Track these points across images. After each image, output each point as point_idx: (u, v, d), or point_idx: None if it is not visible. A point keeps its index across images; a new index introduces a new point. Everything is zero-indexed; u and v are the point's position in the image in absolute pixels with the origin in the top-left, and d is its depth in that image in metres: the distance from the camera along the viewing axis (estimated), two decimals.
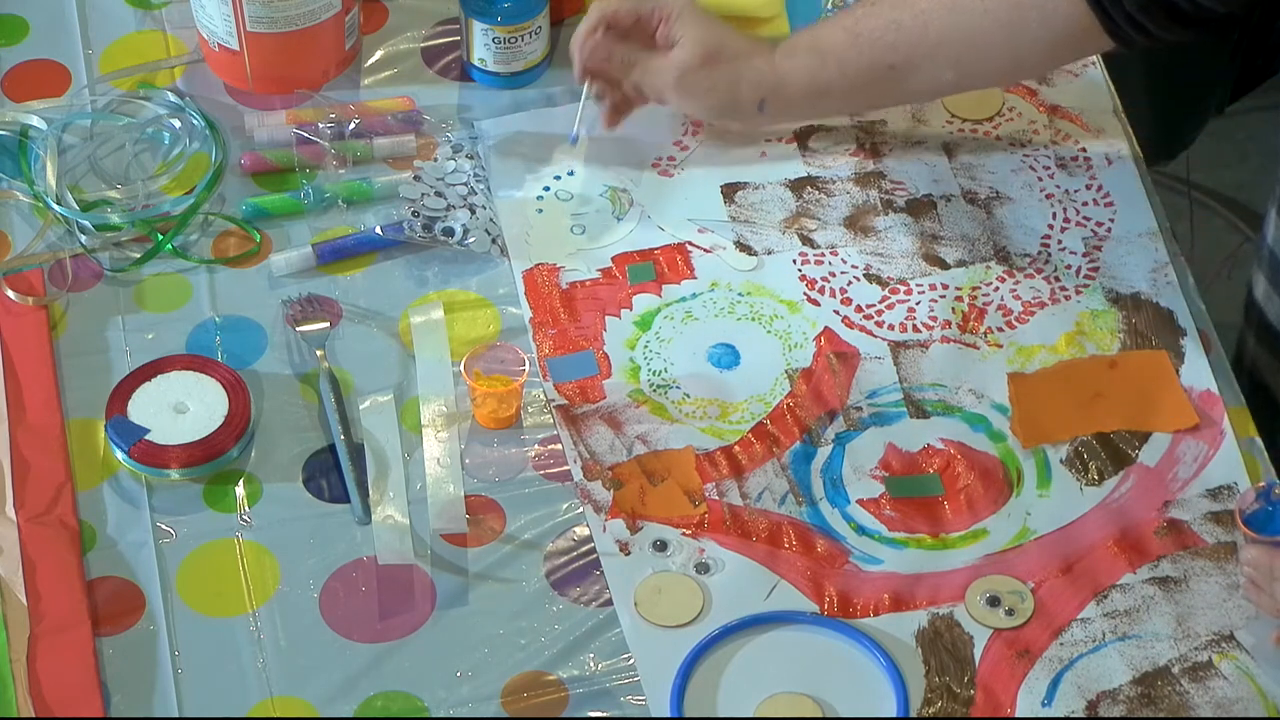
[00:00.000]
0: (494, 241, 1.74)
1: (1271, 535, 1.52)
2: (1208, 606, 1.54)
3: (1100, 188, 1.80)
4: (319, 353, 1.67)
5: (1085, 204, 1.78)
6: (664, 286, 1.73)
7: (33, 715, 1.48)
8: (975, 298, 1.72)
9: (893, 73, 1.69)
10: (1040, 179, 1.80)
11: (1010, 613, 1.54)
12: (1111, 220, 1.77)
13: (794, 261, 1.74)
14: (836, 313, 1.71)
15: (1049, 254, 1.75)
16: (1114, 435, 1.64)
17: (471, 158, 1.79)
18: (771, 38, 1.80)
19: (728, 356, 1.69)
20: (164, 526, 1.58)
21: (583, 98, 1.78)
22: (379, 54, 1.89)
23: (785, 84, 1.72)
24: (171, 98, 1.83)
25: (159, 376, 1.64)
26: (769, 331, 1.70)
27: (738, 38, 1.73)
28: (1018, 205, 1.78)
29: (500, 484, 1.61)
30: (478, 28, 1.82)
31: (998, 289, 1.73)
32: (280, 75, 1.83)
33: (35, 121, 1.81)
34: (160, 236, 1.74)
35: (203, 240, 1.76)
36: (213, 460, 1.60)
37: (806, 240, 1.76)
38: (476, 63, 1.85)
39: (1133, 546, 1.57)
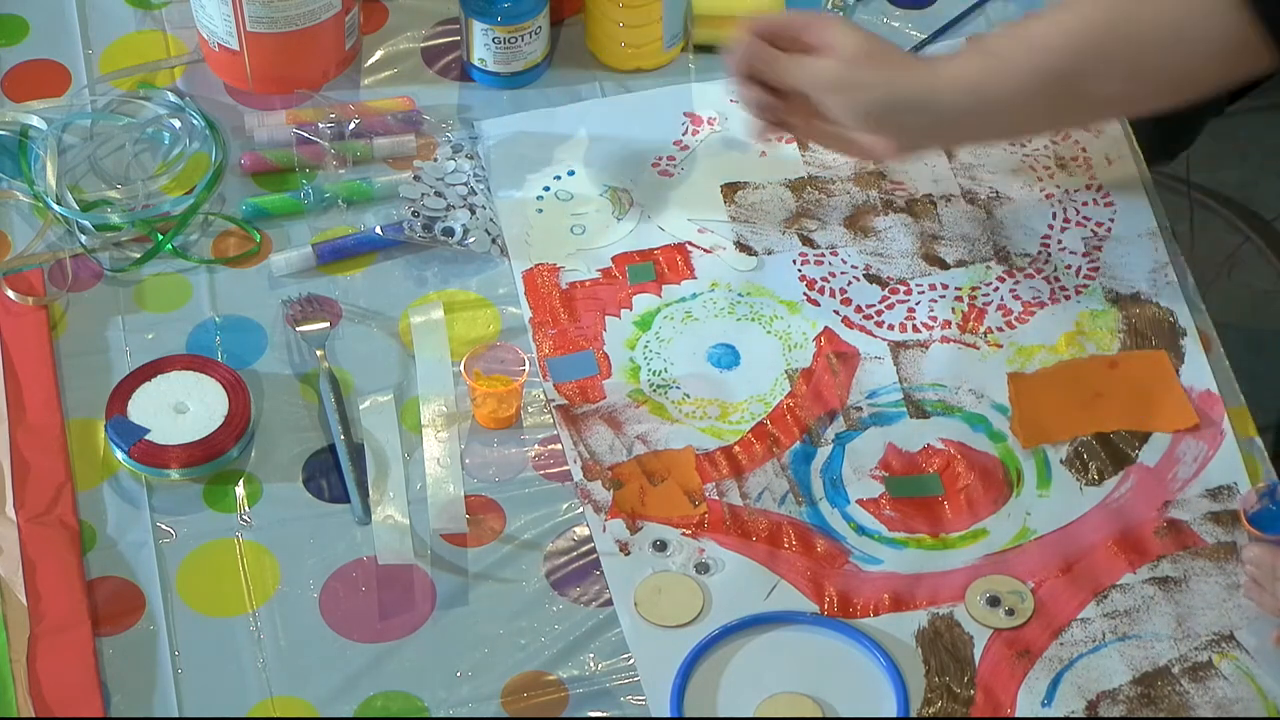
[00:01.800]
0: (494, 241, 1.74)
1: (1276, 534, 1.52)
2: (1208, 606, 1.54)
3: (1100, 188, 1.80)
4: (319, 353, 1.67)
5: (1085, 204, 1.78)
6: (664, 286, 1.73)
7: (33, 715, 1.48)
8: (975, 298, 1.72)
9: (1061, 82, 1.59)
10: (1040, 179, 1.80)
11: (1010, 613, 1.54)
12: (1111, 220, 1.77)
13: (794, 261, 1.74)
14: (836, 313, 1.71)
15: (1049, 254, 1.75)
16: (1114, 435, 1.64)
17: (471, 158, 1.79)
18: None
19: (728, 357, 1.69)
20: (164, 526, 1.58)
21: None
22: (379, 54, 1.89)
23: (946, 87, 1.61)
24: (171, 98, 1.84)
25: (159, 376, 1.64)
26: (769, 331, 1.70)
27: (896, 48, 1.65)
28: (1018, 205, 1.78)
29: (500, 484, 1.61)
30: (478, 28, 1.82)
31: (998, 289, 1.73)
32: (280, 75, 1.83)
33: (35, 121, 1.81)
34: (160, 236, 1.74)
35: (203, 240, 1.76)
36: (213, 460, 1.60)
37: (806, 240, 1.76)
38: (476, 63, 1.85)
39: (1133, 546, 1.57)
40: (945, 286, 1.73)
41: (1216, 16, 1.54)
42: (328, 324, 1.70)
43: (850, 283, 1.73)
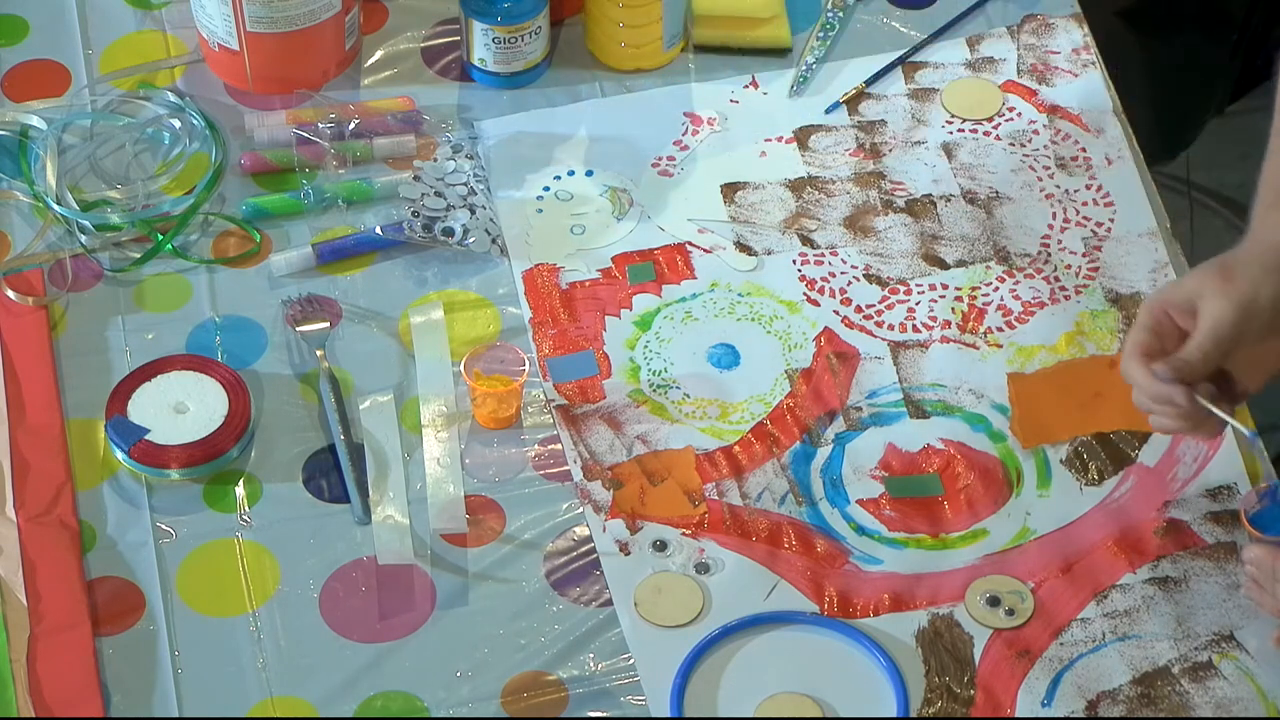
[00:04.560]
0: (494, 241, 1.74)
1: (1276, 535, 1.51)
2: (1208, 606, 1.54)
3: (1100, 188, 1.79)
4: (319, 353, 1.67)
5: (1085, 204, 1.78)
6: (664, 286, 1.73)
7: (33, 715, 1.48)
8: (975, 298, 1.72)
9: None
10: (1040, 179, 1.80)
11: (1010, 613, 1.54)
12: (1111, 220, 1.77)
13: (794, 261, 1.74)
14: (836, 313, 1.71)
15: (1049, 254, 1.75)
16: (1114, 435, 1.64)
17: (471, 158, 1.79)
18: None
19: (728, 357, 1.69)
20: (164, 526, 1.58)
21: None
22: (379, 54, 1.89)
23: None
24: (171, 98, 1.83)
25: (159, 376, 1.64)
26: (769, 331, 1.70)
27: (1210, 275, 1.50)
28: (1018, 205, 1.78)
29: (500, 484, 1.61)
30: (478, 28, 1.82)
31: (998, 289, 1.73)
32: (280, 75, 1.83)
33: (35, 121, 1.81)
34: (160, 236, 1.74)
35: (203, 240, 1.76)
36: (213, 460, 1.60)
37: (806, 240, 1.76)
38: (476, 63, 1.85)
39: (1132, 546, 1.57)
40: (945, 286, 1.73)
41: None
42: (328, 324, 1.70)
43: (850, 283, 1.73)
